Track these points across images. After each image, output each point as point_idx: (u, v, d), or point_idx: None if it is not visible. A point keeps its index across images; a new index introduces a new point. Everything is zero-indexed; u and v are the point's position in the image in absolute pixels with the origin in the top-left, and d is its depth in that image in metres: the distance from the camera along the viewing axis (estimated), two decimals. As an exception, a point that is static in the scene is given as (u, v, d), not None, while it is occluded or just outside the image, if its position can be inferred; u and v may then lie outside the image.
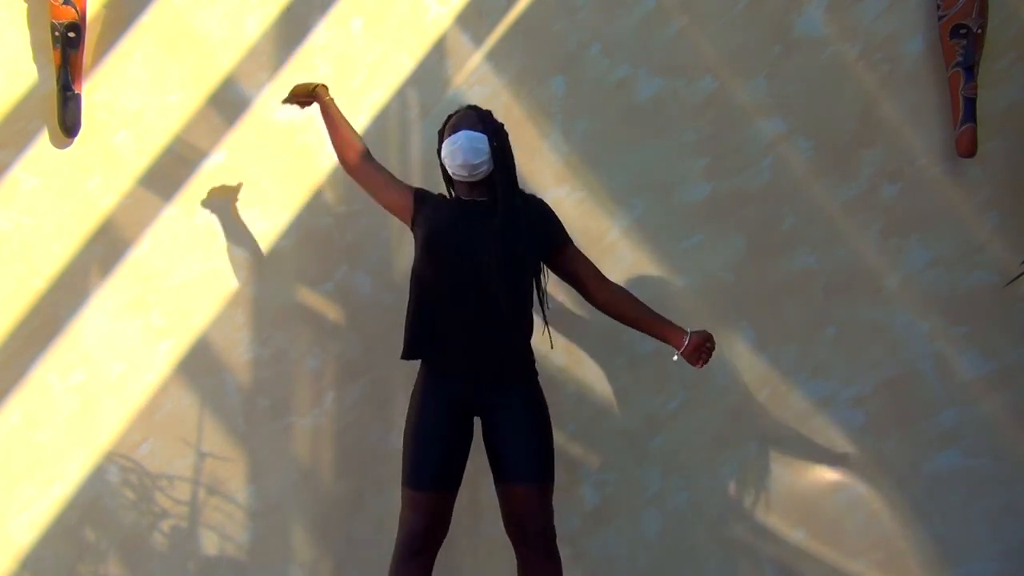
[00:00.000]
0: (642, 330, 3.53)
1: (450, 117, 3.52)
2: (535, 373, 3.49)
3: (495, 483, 3.45)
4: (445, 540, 3.45)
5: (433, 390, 3.44)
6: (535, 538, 3.40)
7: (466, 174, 3.42)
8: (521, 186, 3.54)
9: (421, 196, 3.53)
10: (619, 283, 4.00)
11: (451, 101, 4.02)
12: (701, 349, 3.44)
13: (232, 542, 3.95)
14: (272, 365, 3.99)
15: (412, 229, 3.52)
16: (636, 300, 3.52)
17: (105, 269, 3.96)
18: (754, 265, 4.04)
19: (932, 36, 4.02)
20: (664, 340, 3.49)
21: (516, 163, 3.51)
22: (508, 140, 3.49)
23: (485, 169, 3.42)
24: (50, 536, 3.90)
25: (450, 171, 3.46)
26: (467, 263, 3.36)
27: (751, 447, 4.02)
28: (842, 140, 4.05)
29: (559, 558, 3.44)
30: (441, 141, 3.51)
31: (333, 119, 3.65)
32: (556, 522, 3.82)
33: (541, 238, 3.46)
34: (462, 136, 3.42)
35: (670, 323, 3.49)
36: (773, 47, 4.06)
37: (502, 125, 3.51)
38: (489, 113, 3.51)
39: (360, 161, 3.59)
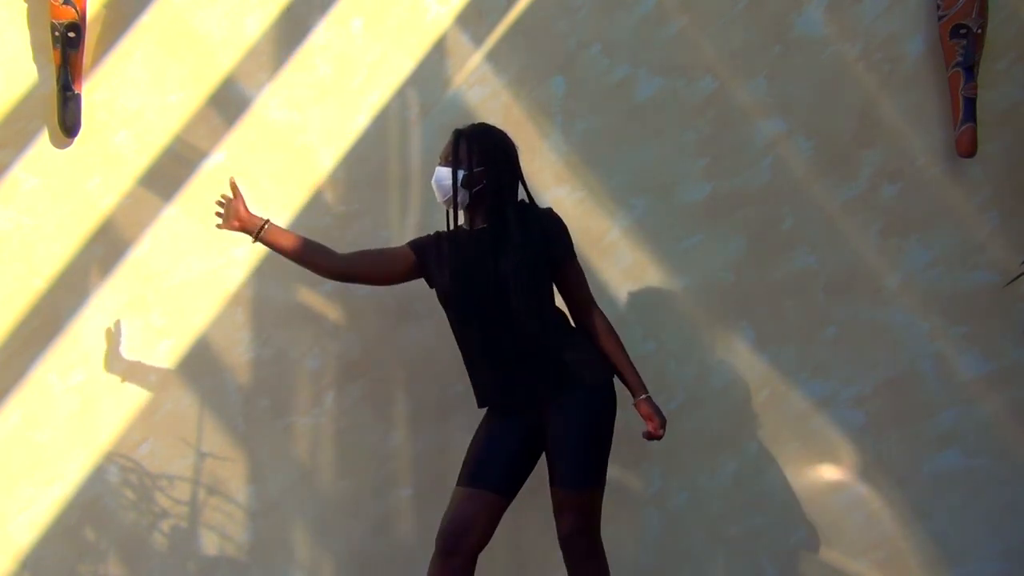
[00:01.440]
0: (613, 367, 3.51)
1: None
2: (588, 377, 3.41)
3: None
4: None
5: (492, 409, 3.50)
6: (566, 540, 3.41)
7: (447, 208, 3.47)
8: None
9: (419, 246, 3.55)
10: (618, 284, 4.01)
11: (451, 101, 4.02)
12: (651, 418, 3.45)
13: (232, 542, 3.95)
14: (272, 365, 3.99)
15: (429, 283, 3.55)
16: (616, 340, 3.49)
17: (105, 269, 3.96)
18: (754, 265, 4.04)
19: (932, 36, 4.02)
20: (625, 385, 3.48)
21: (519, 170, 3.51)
22: (500, 158, 3.46)
23: (462, 198, 3.43)
24: (50, 536, 3.90)
25: None
26: (476, 302, 3.39)
27: (751, 447, 4.02)
28: (842, 140, 4.05)
29: (598, 559, 3.44)
30: None
31: (286, 248, 3.54)
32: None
33: (544, 254, 3.43)
34: (435, 173, 3.49)
35: (638, 377, 3.48)
36: (773, 47, 4.06)
37: (488, 146, 3.46)
38: (467, 137, 3.46)
39: (343, 264, 3.55)
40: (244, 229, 3.54)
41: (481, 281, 3.38)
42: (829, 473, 4.02)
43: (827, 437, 4.02)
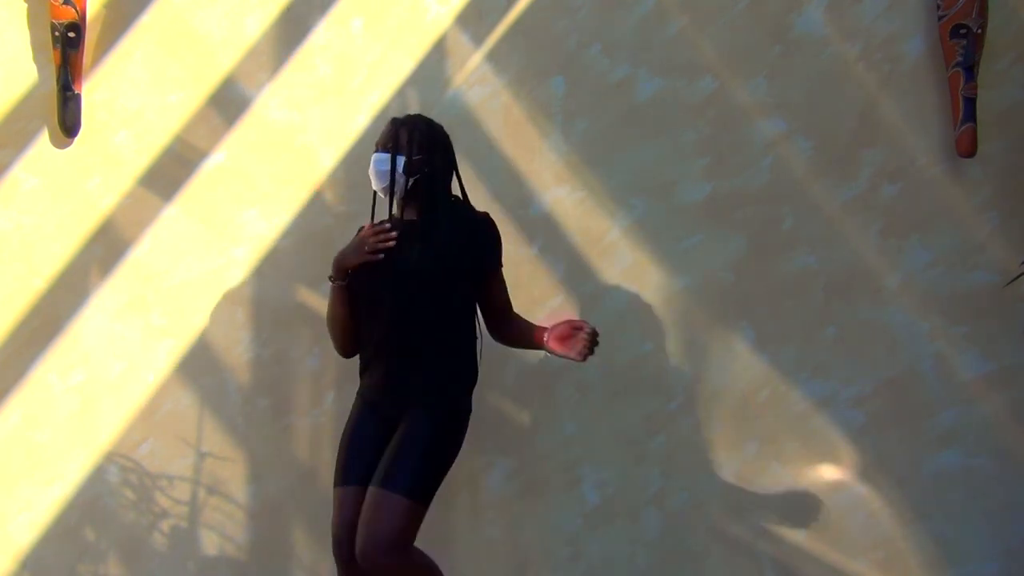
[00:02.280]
0: (528, 345, 3.46)
1: None
2: (456, 399, 3.37)
3: None
4: (444, 540, 3.44)
5: (363, 399, 3.46)
6: (362, 555, 3.19)
7: (383, 196, 3.44)
8: (520, 186, 3.54)
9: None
10: (618, 284, 4.02)
11: (451, 101, 4.02)
12: (568, 340, 3.35)
13: (232, 542, 3.95)
14: (272, 365, 3.99)
15: None
16: (520, 321, 3.48)
17: (105, 269, 3.96)
18: (754, 265, 4.03)
19: (932, 36, 4.02)
20: (539, 345, 3.42)
21: (455, 170, 3.48)
22: (439, 149, 3.43)
23: (400, 188, 3.39)
24: (50, 536, 3.90)
25: None
26: (388, 290, 3.34)
27: (751, 447, 4.02)
28: (842, 140, 4.05)
29: None
30: None
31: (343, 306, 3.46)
32: (557, 522, 3.82)
33: (467, 259, 3.38)
34: (372, 159, 3.44)
35: (536, 326, 3.44)
36: (773, 47, 4.06)
37: (428, 135, 3.42)
38: (408, 125, 3.42)
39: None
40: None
41: (398, 270, 3.33)
42: (829, 473, 4.02)
43: (827, 437, 4.01)
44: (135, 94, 3.99)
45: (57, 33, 3.85)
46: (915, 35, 4.05)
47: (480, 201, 3.56)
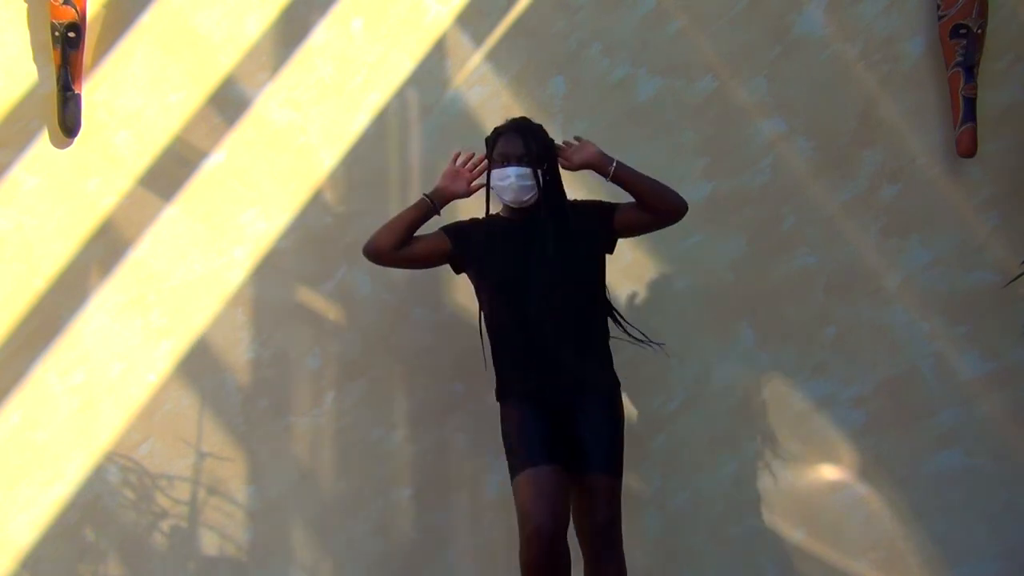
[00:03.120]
0: (648, 188, 3.56)
1: (498, 132, 3.53)
2: (615, 379, 3.51)
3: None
4: (444, 540, 3.43)
5: (525, 399, 3.47)
6: (604, 528, 3.40)
7: (516, 206, 3.51)
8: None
9: (454, 230, 3.58)
10: (618, 284, 4.02)
11: (451, 101, 4.02)
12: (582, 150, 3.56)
13: (232, 542, 3.95)
14: (272, 365, 3.99)
15: (459, 268, 3.58)
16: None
17: (105, 269, 3.96)
18: (754, 265, 4.04)
19: (932, 36, 4.02)
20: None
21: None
22: (552, 148, 3.54)
23: (533, 197, 3.48)
24: (50, 536, 3.90)
25: (501, 199, 3.52)
26: (524, 287, 3.43)
27: (751, 447, 4.02)
28: (842, 140, 4.05)
29: (621, 549, 3.44)
30: (490, 150, 3.52)
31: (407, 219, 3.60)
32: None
33: (599, 228, 3.53)
34: (511, 174, 3.47)
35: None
36: (773, 47, 4.07)
37: (545, 136, 3.54)
38: (534, 132, 3.52)
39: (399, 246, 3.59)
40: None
41: (548, 270, 3.43)
42: (829, 473, 4.02)
43: (827, 437, 4.02)
44: (135, 94, 3.99)
45: (57, 33, 3.85)
46: (915, 35, 4.05)
47: (480, 201, 3.57)
